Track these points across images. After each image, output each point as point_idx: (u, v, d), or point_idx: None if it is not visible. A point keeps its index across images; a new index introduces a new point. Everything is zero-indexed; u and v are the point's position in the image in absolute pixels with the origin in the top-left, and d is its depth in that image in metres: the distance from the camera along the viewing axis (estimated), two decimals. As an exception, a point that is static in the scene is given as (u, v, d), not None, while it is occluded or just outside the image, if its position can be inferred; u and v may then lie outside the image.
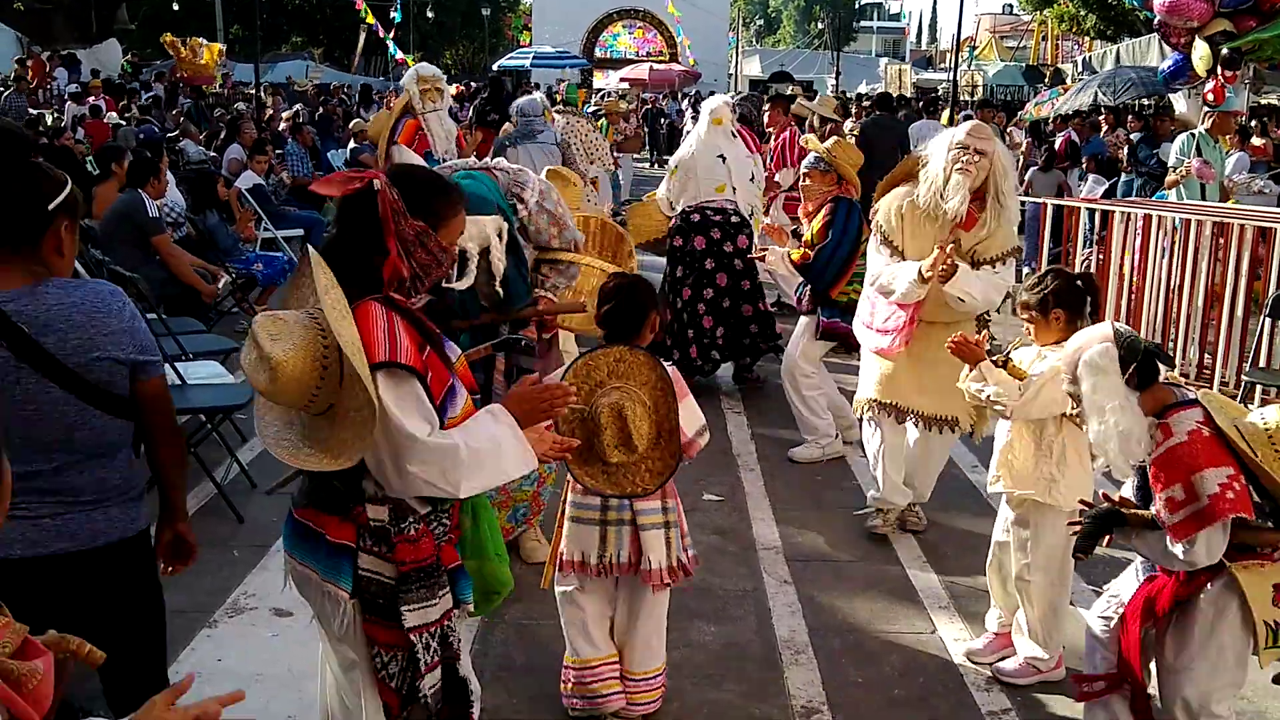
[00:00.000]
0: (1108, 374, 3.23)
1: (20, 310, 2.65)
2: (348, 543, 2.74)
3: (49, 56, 23.57)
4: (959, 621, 4.84)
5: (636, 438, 3.49)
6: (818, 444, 6.79)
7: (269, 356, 2.48)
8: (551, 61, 36.30)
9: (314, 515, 2.80)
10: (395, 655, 2.79)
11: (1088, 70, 23.66)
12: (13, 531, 2.69)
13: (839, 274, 6.49)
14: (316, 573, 2.78)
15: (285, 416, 2.69)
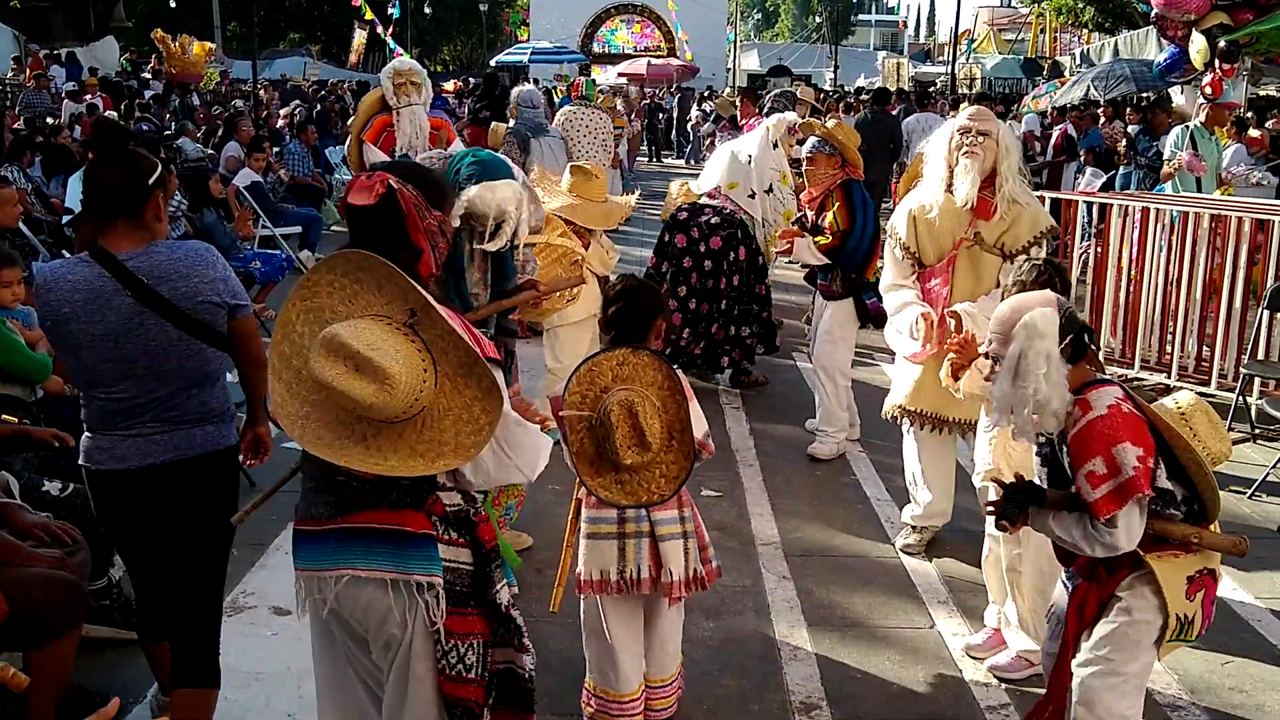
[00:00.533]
0: (1045, 339, 3.15)
1: (139, 266, 3.23)
2: (429, 532, 2.73)
3: (46, 55, 23.54)
4: (957, 616, 4.84)
5: (649, 435, 3.34)
6: (833, 437, 6.79)
7: (382, 367, 2.41)
8: (549, 57, 36.25)
9: (379, 515, 2.72)
10: (472, 644, 2.79)
11: (1086, 63, 23.67)
12: (129, 447, 3.31)
13: (870, 254, 6.52)
14: (395, 571, 2.70)
15: (337, 427, 2.55)
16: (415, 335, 2.52)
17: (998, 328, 3.27)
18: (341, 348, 2.42)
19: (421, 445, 2.53)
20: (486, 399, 2.53)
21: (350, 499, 2.73)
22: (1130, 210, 8.33)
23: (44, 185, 11.97)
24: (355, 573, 2.72)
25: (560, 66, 35.99)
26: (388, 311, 2.56)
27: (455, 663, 2.77)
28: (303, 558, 2.82)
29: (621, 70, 35.97)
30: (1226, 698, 4.24)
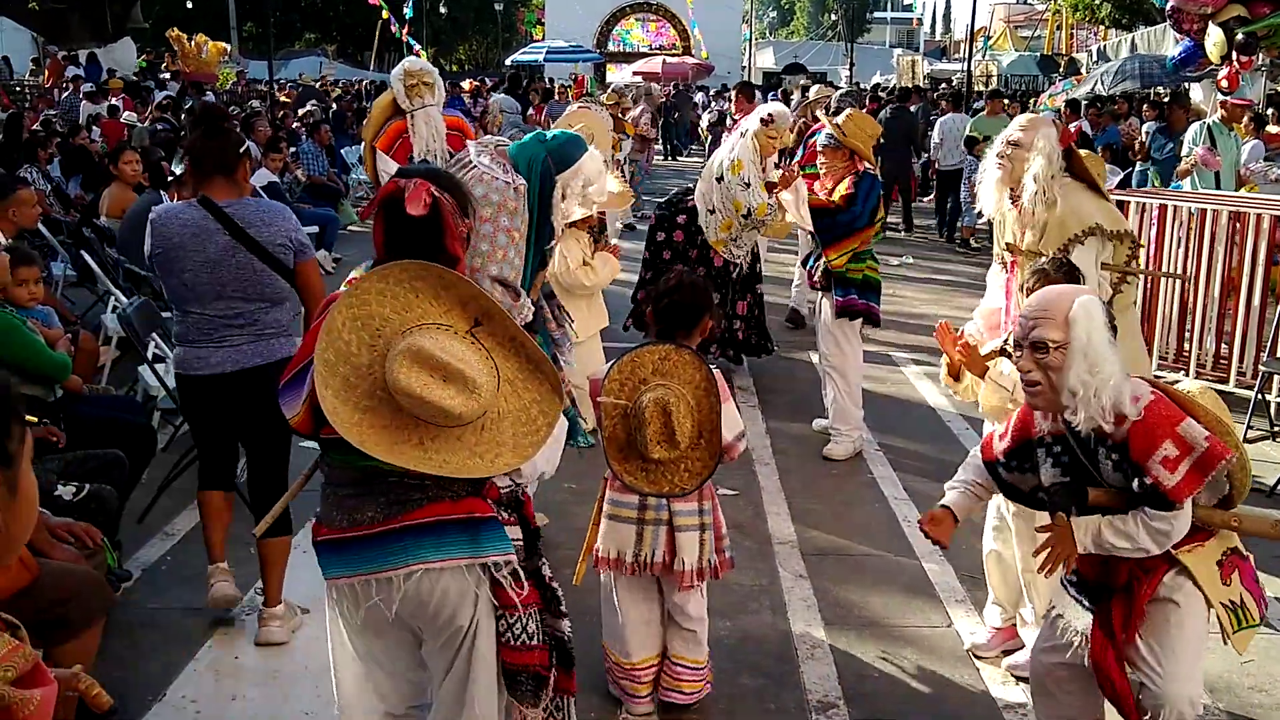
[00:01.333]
0: (1101, 326, 3.08)
1: (234, 212, 4.23)
2: (494, 515, 2.83)
3: (65, 56, 23.66)
4: (974, 615, 4.82)
5: (680, 434, 3.54)
6: (848, 436, 6.76)
7: (471, 377, 2.53)
8: (565, 56, 36.35)
9: (446, 507, 2.77)
10: (531, 613, 2.89)
11: (1102, 59, 23.59)
12: (223, 356, 4.28)
13: (843, 236, 6.49)
14: (470, 556, 2.77)
15: (393, 431, 2.60)
16: (478, 343, 2.61)
17: (1048, 312, 3.12)
18: (430, 358, 2.51)
19: (481, 447, 2.62)
20: (545, 401, 2.65)
21: (408, 497, 2.77)
22: (1148, 207, 8.30)
23: (63, 185, 12.04)
24: (428, 566, 2.76)
25: (575, 65, 36.03)
26: (448, 320, 2.62)
27: (520, 633, 2.87)
28: (347, 564, 2.83)
29: (637, 69, 35.97)
30: (1246, 697, 4.21)
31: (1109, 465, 3.14)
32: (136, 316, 6.12)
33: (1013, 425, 3.42)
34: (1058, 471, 3.26)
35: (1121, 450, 3.09)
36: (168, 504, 5.74)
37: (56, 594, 3.51)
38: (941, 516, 3.56)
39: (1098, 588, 3.30)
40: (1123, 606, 3.21)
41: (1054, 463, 3.27)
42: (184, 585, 4.99)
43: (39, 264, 5.95)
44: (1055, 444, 3.26)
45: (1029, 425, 3.34)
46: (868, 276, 6.56)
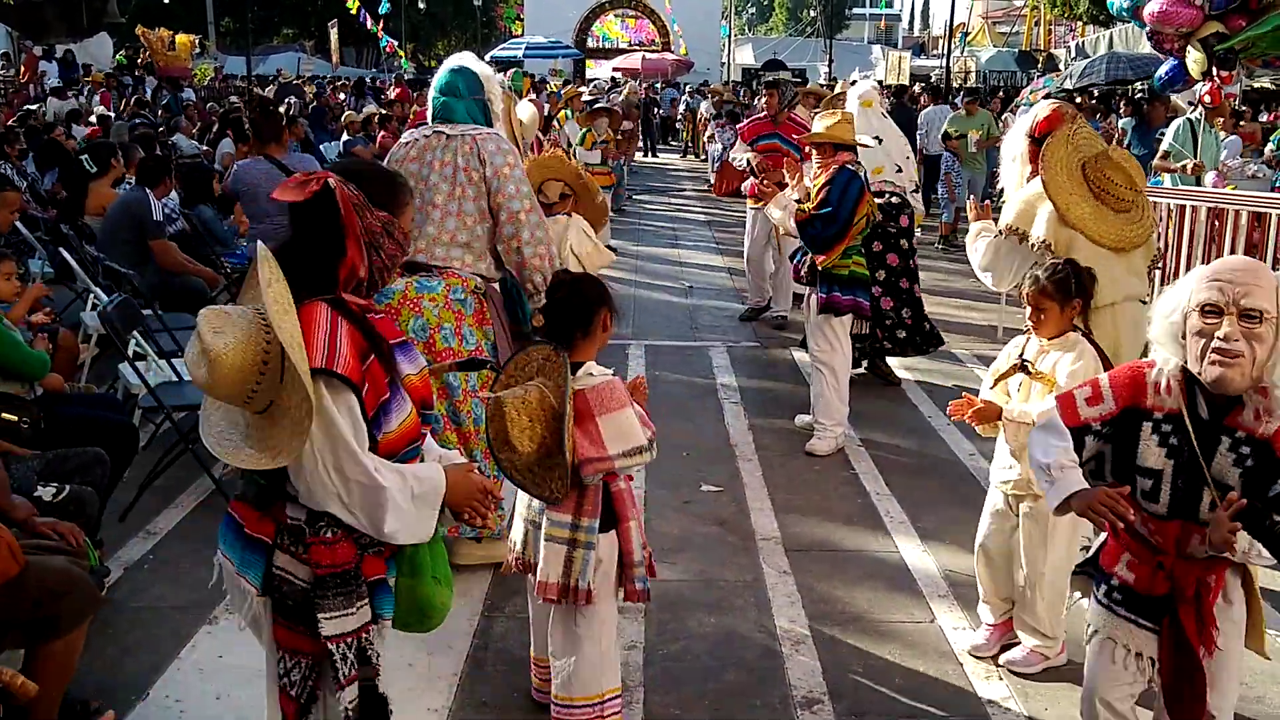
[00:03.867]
0: None
1: (285, 162, 6.88)
2: (264, 538, 2.72)
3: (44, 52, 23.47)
4: (958, 610, 4.85)
5: (514, 438, 3.33)
6: (831, 432, 6.77)
7: (209, 349, 2.48)
8: (544, 52, 36.23)
9: (239, 508, 2.79)
10: (299, 663, 2.74)
11: (1081, 55, 23.69)
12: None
13: (832, 239, 6.50)
14: (232, 563, 2.77)
15: (230, 416, 2.68)
16: (269, 329, 2.54)
17: (1259, 279, 2.79)
18: (197, 328, 2.54)
19: (267, 439, 2.59)
20: (308, 403, 2.50)
21: (237, 485, 2.84)
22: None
23: (38, 181, 11.94)
24: (223, 558, 2.82)
25: (555, 61, 35.96)
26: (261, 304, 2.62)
27: (284, 674, 2.76)
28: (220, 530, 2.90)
29: (616, 65, 35.97)
30: (1240, 709, 4.23)
31: (1230, 459, 2.86)
32: (117, 314, 6.09)
33: (1113, 389, 3.02)
34: (1164, 453, 2.92)
35: (1262, 448, 2.82)
36: (149, 502, 5.72)
37: (44, 593, 3.50)
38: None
39: (1152, 601, 3.03)
40: (1193, 617, 2.94)
41: (1160, 442, 2.94)
42: (166, 584, 4.97)
43: (14, 261, 5.91)
44: (1166, 422, 2.93)
45: (1141, 394, 2.97)
46: (854, 272, 6.56)
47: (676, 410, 7.54)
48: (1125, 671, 3.13)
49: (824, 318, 6.64)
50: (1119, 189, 4.93)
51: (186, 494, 5.91)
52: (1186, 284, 2.90)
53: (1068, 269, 4.09)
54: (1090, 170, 4.95)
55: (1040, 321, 4.11)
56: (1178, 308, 2.88)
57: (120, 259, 7.70)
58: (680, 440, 6.92)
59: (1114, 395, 3.00)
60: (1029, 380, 4.15)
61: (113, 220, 8.29)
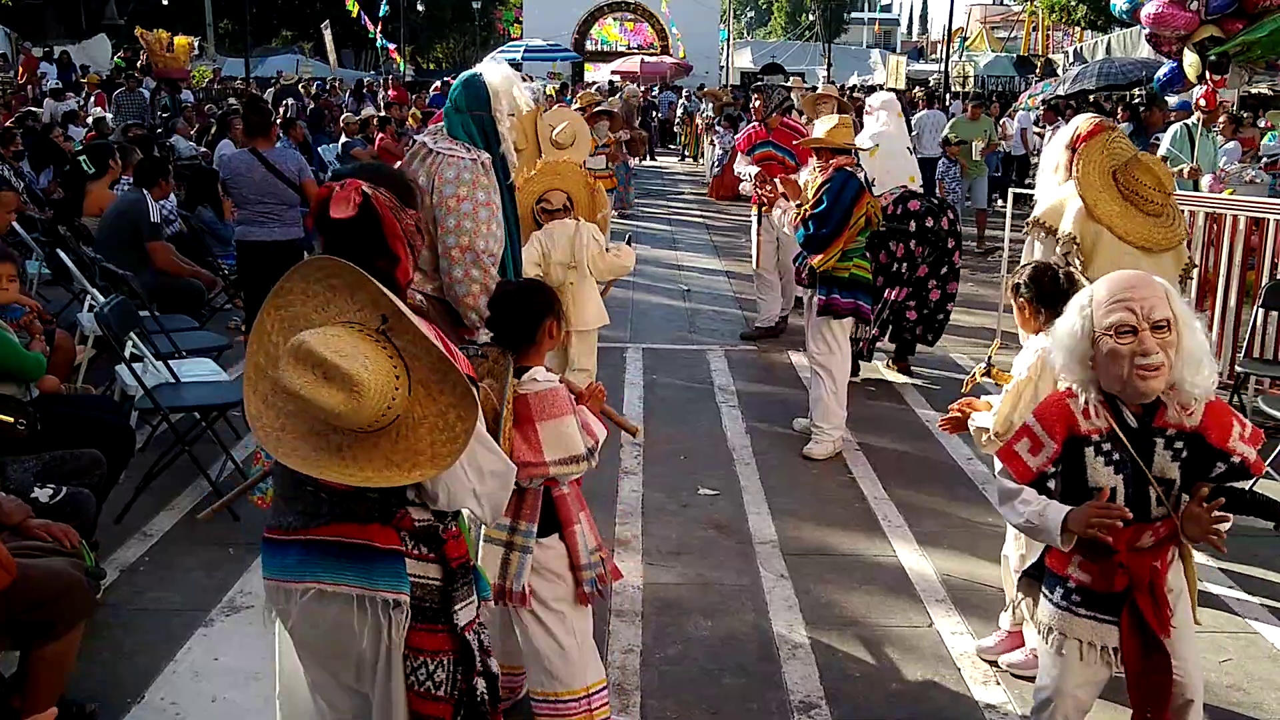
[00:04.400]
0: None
1: (267, 155, 7.84)
2: (397, 548, 2.66)
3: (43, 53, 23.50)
4: (955, 614, 4.84)
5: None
6: (829, 435, 6.77)
7: (351, 374, 2.35)
8: (543, 55, 36.26)
9: (347, 529, 2.65)
10: (441, 661, 2.73)
11: (1079, 60, 23.72)
12: (266, 230, 7.77)
13: (827, 239, 6.51)
14: (363, 586, 2.64)
15: (313, 438, 2.51)
16: (388, 342, 2.48)
17: (1154, 290, 2.96)
18: (309, 355, 2.37)
19: (397, 455, 2.48)
20: (461, 405, 2.47)
21: (318, 510, 2.67)
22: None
23: (33, 180, 11.92)
24: (321, 586, 2.66)
25: (554, 64, 35.97)
26: (360, 318, 2.51)
27: (424, 679, 2.72)
28: (268, 566, 2.77)
29: (615, 68, 35.99)
30: (1225, 695, 4.24)
31: (1168, 456, 3.02)
32: (114, 315, 6.08)
33: (1047, 430, 3.10)
34: (1111, 470, 3.04)
35: (1193, 439, 3.01)
36: (146, 504, 5.71)
37: (39, 596, 3.49)
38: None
39: (1110, 597, 3.12)
40: (1150, 604, 3.07)
41: (1105, 461, 3.05)
42: (163, 586, 4.96)
43: (15, 261, 5.90)
44: (1105, 441, 3.04)
45: (1074, 423, 3.07)
46: (854, 275, 6.56)
47: (674, 414, 7.54)
48: (1090, 667, 3.20)
49: (823, 320, 6.63)
50: (1148, 190, 5.07)
51: (183, 496, 5.90)
52: (1080, 310, 3.03)
53: (1041, 274, 4.11)
54: (1121, 175, 5.11)
55: (1019, 318, 4.19)
56: (1078, 334, 3.01)
57: (117, 260, 7.69)
58: (677, 444, 6.92)
59: (1050, 435, 3.10)
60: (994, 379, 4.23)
61: (110, 222, 8.29)
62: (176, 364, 6.31)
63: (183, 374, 6.20)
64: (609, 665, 4.33)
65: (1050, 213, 5.23)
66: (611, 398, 7.71)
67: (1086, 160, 5.17)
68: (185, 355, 6.64)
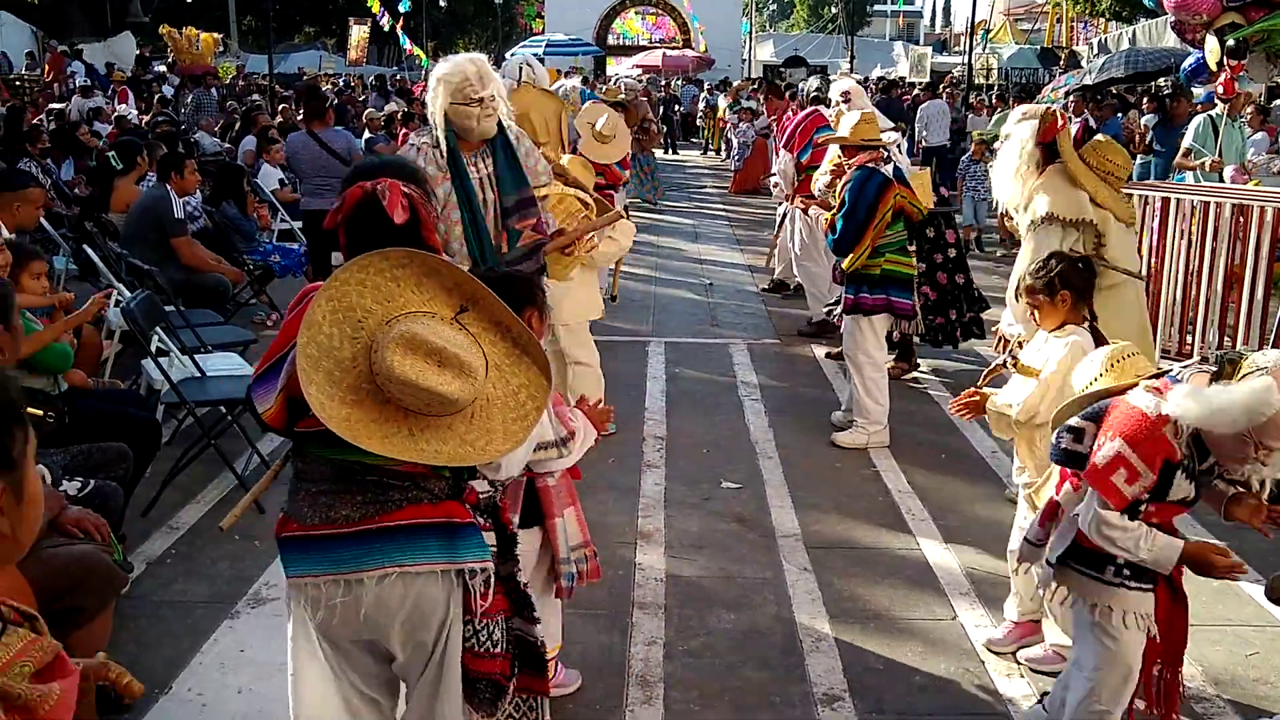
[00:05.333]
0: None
1: (323, 136, 9.64)
2: (474, 521, 2.84)
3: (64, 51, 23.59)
4: (980, 607, 4.83)
5: None
6: (864, 430, 6.77)
7: (468, 361, 2.50)
8: (565, 50, 36.24)
9: (425, 510, 2.74)
10: (498, 620, 2.91)
11: (1103, 52, 23.55)
12: (325, 200, 8.70)
13: (852, 239, 6.52)
14: (448, 561, 2.75)
15: (382, 425, 2.54)
16: (464, 328, 2.57)
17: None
18: (424, 344, 2.47)
19: (471, 435, 2.57)
20: (534, 385, 2.61)
21: (386, 497, 2.72)
22: (1150, 200, 8.29)
23: (56, 174, 12.00)
24: (403, 569, 2.71)
25: (575, 59, 35.96)
26: (430, 307, 2.57)
27: (485, 640, 2.86)
28: (315, 563, 2.75)
29: (637, 62, 35.93)
30: (1251, 689, 4.22)
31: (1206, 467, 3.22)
32: (140, 310, 6.12)
33: (1147, 462, 3.13)
34: (1191, 484, 3.20)
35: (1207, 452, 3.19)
36: (172, 497, 5.75)
37: (68, 583, 3.52)
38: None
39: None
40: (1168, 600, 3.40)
41: (1188, 477, 3.18)
42: (189, 578, 5.00)
43: (44, 259, 5.95)
44: (1188, 460, 3.17)
45: (1171, 453, 3.12)
46: (886, 271, 6.55)
47: (696, 407, 7.54)
48: (1141, 634, 3.40)
49: (852, 318, 6.65)
50: (1119, 169, 5.52)
51: (209, 489, 5.94)
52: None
53: (1050, 266, 4.13)
54: (1092, 158, 5.47)
55: (1036, 314, 4.18)
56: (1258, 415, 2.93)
57: (142, 256, 7.74)
58: (700, 437, 6.92)
59: (1149, 466, 3.13)
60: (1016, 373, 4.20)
61: (135, 218, 8.34)
62: (202, 358, 6.35)
63: (208, 368, 6.24)
64: (631, 657, 4.35)
65: (1063, 205, 5.41)
66: (634, 391, 7.75)
67: (1067, 151, 5.44)
68: (210, 350, 6.68)
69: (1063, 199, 5.42)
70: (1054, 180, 5.46)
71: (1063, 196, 5.42)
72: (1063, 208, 5.40)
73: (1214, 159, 10.21)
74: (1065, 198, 5.42)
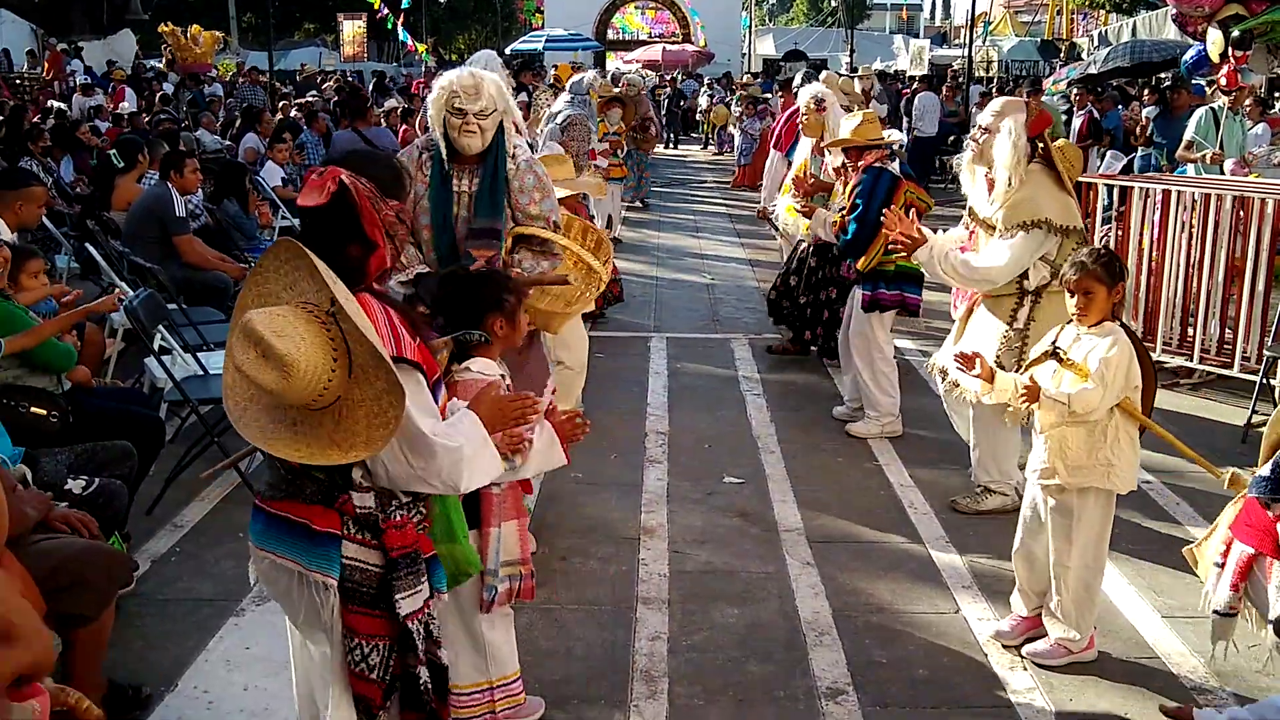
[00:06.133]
0: None
1: (366, 134, 10.62)
2: (334, 531, 2.75)
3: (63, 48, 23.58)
4: (982, 601, 4.84)
5: None
6: (878, 421, 6.83)
7: (282, 354, 2.47)
8: (565, 44, 36.20)
9: (294, 507, 2.78)
10: (377, 645, 2.81)
11: (1104, 44, 23.54)
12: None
13: (866, 240, 6.55)
14: (300, 564, 2.76)
15: (275, 413, 2.63)
16: (335, 325, 2.57)
17: None
18: (251, 333, 2.49)
19: (339, 435, 2.58)
20: (393, 393, 2.55)
21: (277, 485, 2.82)
22: (1151, 193, 8.29)
23: (56, 172, 12.00)
24: (273, 558, 2.82)
25: (575, 54, 35.91)
26: (317, 299, 2.61)
27: (359, 660, 2.80)
28: (252, 532, 2.92)
29: (636, 57, 35.90)
30: (1254, 681, 4.22)
31: None
32: (143, 308, 6.13)
33: None
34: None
35: None
36: (176, 495, 5.76)
37: (66, 579, 3.53)
38: None
39: None
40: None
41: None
42: (194, 576, 5.02)
43: (43, 258, 5.96)
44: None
45: None
46: (900, 266, 6.58)
47: (698, 402, 7.55)
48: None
49: (863, 313, 6.70)
50: (1076, 174, 5.56)
51: (213, 487, 5.94)
52: None
53: (1110, 252, 4.12)
54: (1059, 161, 5.35)
55: (1086, 306, 4.09)
56: None
57: (144, 254, 7.74)
58: (702, 432, 6.93)
59: None
60: (1061, 369, 4.13)
61: (136, 216, 8.34)
62: (204, 356, 6.36)
63: (210, 366, 6.25)
64: (635, 652, 4.36)
65: (1059, 211, 5.24)
66: (636, 387, 7.76)
67: (1057, 153, 5.34)
68: (213, 348, 6.68)
69: (1058, 205, 5.25)
70: (1043, 181, 5.27)
71: (1057, 202, 5.25)
72: (1059, 214, 5.22)
73: (1215, 151, 10.21)
74: (1060, 204, 5.26)
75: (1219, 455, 6.43)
